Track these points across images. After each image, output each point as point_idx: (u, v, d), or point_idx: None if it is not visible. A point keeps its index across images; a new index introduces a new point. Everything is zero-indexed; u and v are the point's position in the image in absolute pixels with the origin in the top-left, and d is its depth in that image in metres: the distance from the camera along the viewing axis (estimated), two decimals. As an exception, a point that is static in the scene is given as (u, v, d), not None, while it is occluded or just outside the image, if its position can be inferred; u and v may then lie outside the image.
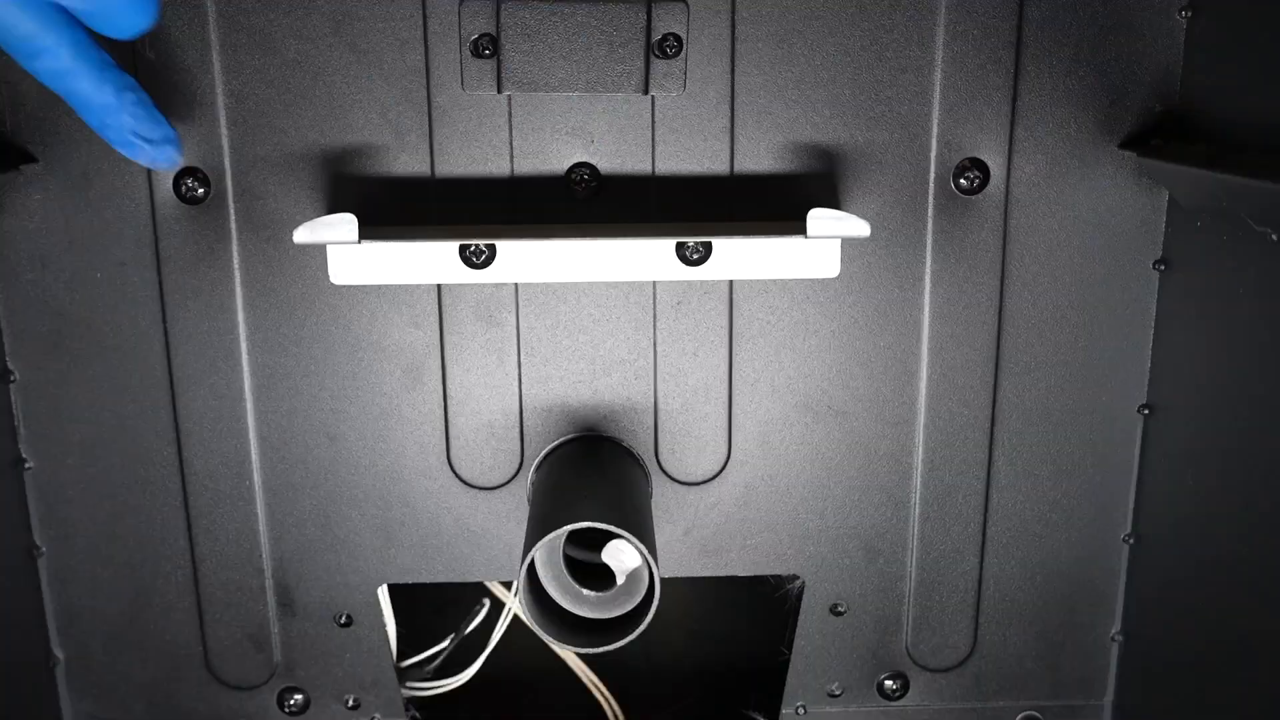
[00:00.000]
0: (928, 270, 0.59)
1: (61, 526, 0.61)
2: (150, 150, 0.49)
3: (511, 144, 0.57)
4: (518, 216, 0.58)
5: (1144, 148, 0.57)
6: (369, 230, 0.54)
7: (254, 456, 0.61)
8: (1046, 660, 0.66)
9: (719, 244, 0.55)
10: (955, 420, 0.62)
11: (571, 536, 0.55)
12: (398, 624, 0.65)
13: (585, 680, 0.70)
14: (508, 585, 0.68)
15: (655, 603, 0.51)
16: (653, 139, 0.57)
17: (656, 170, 0.58)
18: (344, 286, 0.58)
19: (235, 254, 0.58)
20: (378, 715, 0.65)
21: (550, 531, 0.51)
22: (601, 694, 0.70)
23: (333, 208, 0.57)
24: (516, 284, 0.59)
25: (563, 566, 0.55)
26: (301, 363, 0.59)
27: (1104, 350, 0.61)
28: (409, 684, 0.67)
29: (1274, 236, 0.48)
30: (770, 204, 0.58)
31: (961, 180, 0.58)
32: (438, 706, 0.69)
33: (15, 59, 0.45)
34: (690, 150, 0.57)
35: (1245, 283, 0.52)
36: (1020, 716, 0.67)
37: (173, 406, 0.60)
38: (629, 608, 0.54)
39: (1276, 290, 0.50)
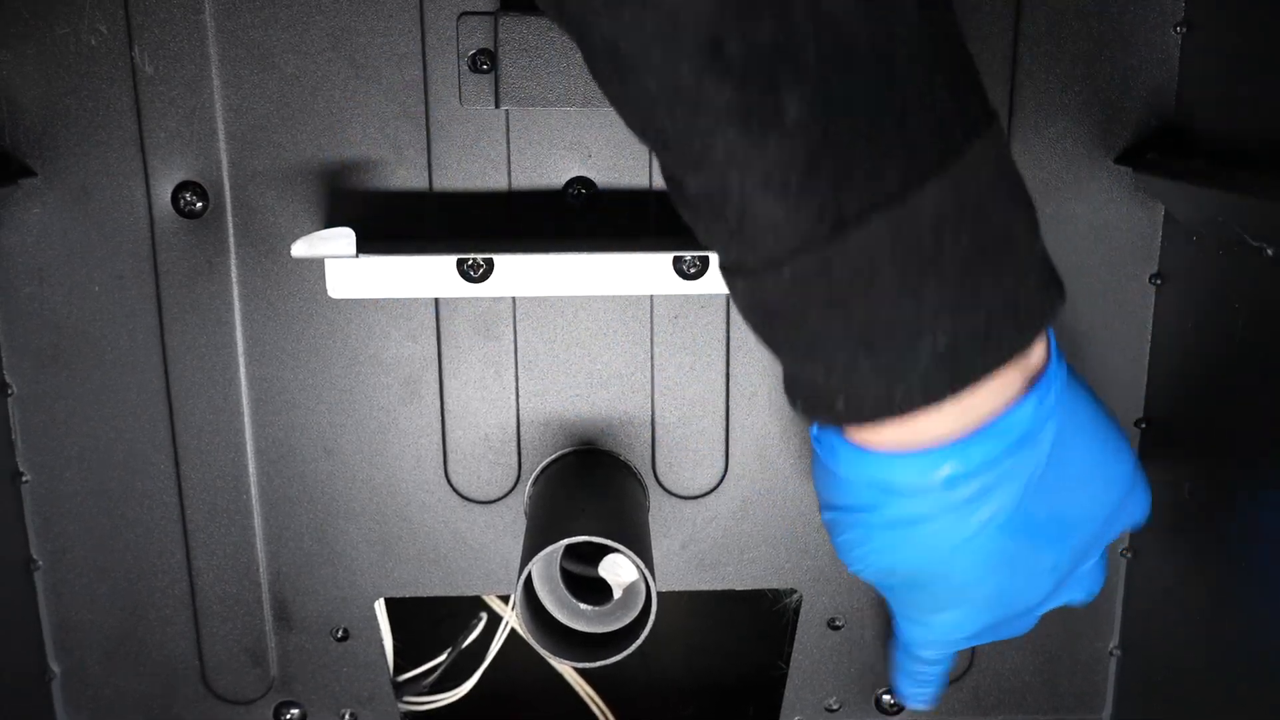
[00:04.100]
0: (925, 284, 0.59)
1: (58, 540, 0.61)
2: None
3: (509, 158, 0.57)
4: (515, 230, 0.58)
5: (1140, 162, 0.58)
6: (367, 244, 0.54)
7: (251, 470, 0.61)
8: (1044, 675, 0.66)
9: (717, 258, 0.55)
10: (952, 434, 0.62)
11: (568, 550, 0.55)
12: (395, 638, 0.65)
13: (582, 694, 0.70)
14: (505, 599, 0.68)
15: (652, 617, 0.51)
16: (650, 153, 0.57)
17: (654, 184, 0.58)
18: (342, 300, 0.58)
19: (233, 268, 0.58)
20: (374, 729, 0.65)
21: (547, 545, 0.51)
22: (599, 708, 0.70)
23: (331, 222, 0.57)
24: (514, 298, 0.59)
25: (560, 580, 0.55)
26: (299, 376, 0.59)
27: (1101, 364, 0.61)
28: (406, 698, 0.67)
29: (1269, 252, 0.48)
30: (767, 218, 0.58)
31: (958, 195, 0.58)
32: (435, 721, 0.69)
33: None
34: None
35: (1241, 297, 0.52)
36: (1018, 731, 0.67)
37: (170, 420, 0.60)
38: (626, 622, 0.54)
39: (1272, 305, 0.50)
